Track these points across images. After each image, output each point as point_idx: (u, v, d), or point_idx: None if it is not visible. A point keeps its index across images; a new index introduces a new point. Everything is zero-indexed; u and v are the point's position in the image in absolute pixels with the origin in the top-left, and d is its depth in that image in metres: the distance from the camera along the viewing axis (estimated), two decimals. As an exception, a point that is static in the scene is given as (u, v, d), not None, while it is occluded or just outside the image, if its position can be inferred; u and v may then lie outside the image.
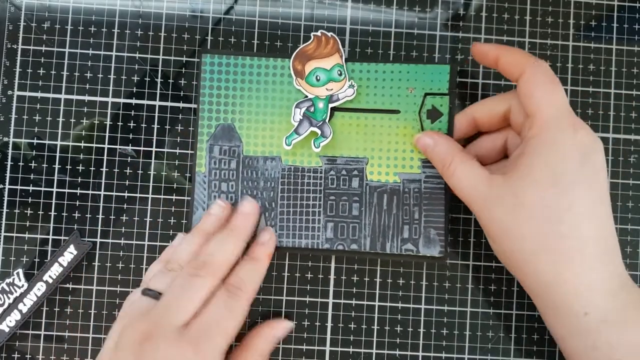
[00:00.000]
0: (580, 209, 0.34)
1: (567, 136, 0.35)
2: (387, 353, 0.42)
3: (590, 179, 0.35)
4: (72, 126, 0.42)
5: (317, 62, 0.41)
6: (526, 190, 0.35)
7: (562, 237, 0.34)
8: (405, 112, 0.42)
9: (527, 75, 0.36)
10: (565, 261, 0.34)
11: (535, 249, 0.35)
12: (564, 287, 0.35)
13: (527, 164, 0.35)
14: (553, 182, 0.34)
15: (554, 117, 0.35)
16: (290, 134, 0.41)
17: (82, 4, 0.43)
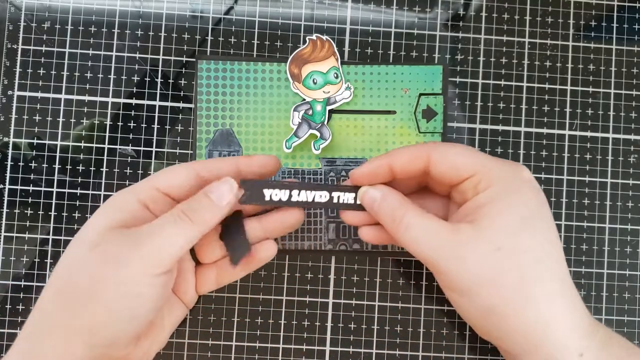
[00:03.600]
0: (552, 249, 0.33)
1: (517, 180, 0.34)
2: (387, 353, 0.42)
3: (548, 215, 0.34)
4: (72, 126, 0.42)
5: (313, 66, 0.41)
6: (501, 236, 0.33)
7: (543, 281, 0.33)
8: (401, 113, 0.42)
9: (436, 155, 0.35)
10: (549, 306, 0.33)
11: (518, 297, 0.32)
12: (555, 333, 0.32)
13: (494, 212, 0.33)
14: (523, 225, 0.33)
15: (496, 168, 0.34)
16: (290, 137, 0.41)
17: (82, 4, 0.43)
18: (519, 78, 0.44)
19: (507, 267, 0.32)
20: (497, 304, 0.33)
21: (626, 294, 0.43)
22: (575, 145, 0.44)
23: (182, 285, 0.38)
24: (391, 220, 0.35)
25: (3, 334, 0.41)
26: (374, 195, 0.36)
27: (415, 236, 0.34)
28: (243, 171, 0.37)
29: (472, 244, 0.33)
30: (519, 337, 0.33)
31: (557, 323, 0.32)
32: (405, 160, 0.36)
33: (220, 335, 0.42)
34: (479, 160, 0.35)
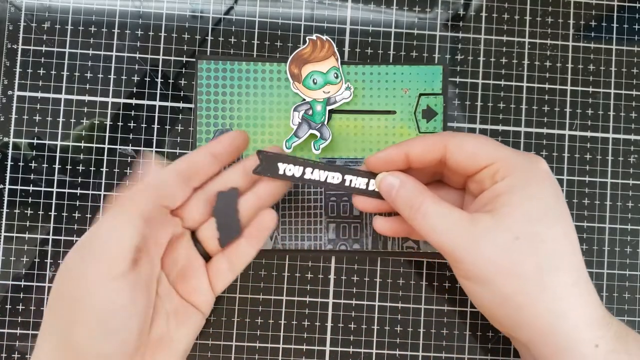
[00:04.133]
0: (569, 241, 0.34)
1: (535, 171, 0.34)
2: (387, 353, 0.42)
3: (565, 207, 0.35)
4: (72, 126, 0.42)
5: (313, 66, 0.41)
6: (519, 225, 0.33)
7: (559, 271, 0.33)
8: (401, 113, 0.42)
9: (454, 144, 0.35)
10: (565, 296, 0.33)
11: (535, 287, 0.33)
12: (570, 324, 0.32)
13: (513, 201, 0.33)
14: (541, 216, 0.33)
15: (514, 158, 0.34)
16: (290, 137, 0.41)
17: (82, 4, 0.43)
18: (519, 78, 0.44)
19: (524, 256, 0.32)
20: (513, 294, 0.33)
21: (626, 294, 0.43)
22: (575, 145, 0.44)
23: (191, 287, 0.37)
24: (409, 208, 0.35)
25: (3, 334, 0.41)
26: (392, 182, 0.36)
27: (432, 224, 0.34)
28: (217, 155, 0.37)
29: (490, 233, 0.33)
30: (533, 327, 0.33)
31: (572, 314, 0.33)
32: (422, 149, 0.36)
33: (220, 335, 0.42)
34: (496, 150, 0.35)
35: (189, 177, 0.37)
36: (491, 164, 0.35)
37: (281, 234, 0.42)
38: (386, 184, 0.36)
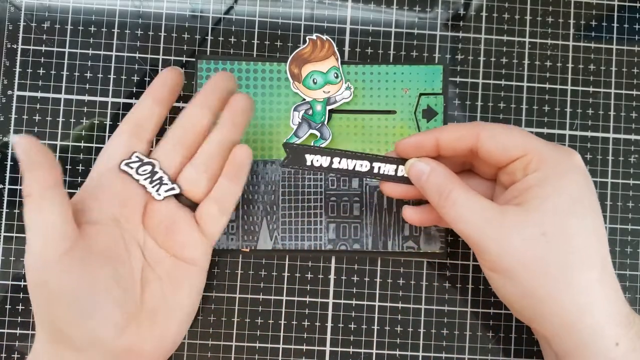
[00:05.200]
0: (596, 237, 0.33)
1: (568, 164, 0.34)
2: (387, 353, 0.42)
3: (595, 201, 0.34)
4: (72, 126, 0.42)
5: (313, 66, 0.41)
6: (547, 220, 0.33)
7: (584, 268, 0.33)
8: (402, 112, 0.42)
9: (486, 134, 0.35)
10: (590, 292, 0.33)
11: (559, 283, 0.32)
12: (592, 320, 0.32)
13: (543, 195, 0.33)
14: (571, 210, 0.33)
15: (547, 150, 0.34)
16: (290, 137, 0.41)
17: (82, 4, 0.43)
18: (519, 78, 0.44)
19: (550, 252, 0.32)
20: (537, 288, 0.33)
21: (626, 294, 0.43)
22: (576, 145, 0.44)
23: (180, 242, 0.37)
24: (438, 195, 0.35)
25: (3, 334, 0.41)
26: (422, 168, 0.36)
27: (461, 213, 0.34)
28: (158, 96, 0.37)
29: (518, 227, 0.33)
30: (555, 321, 0.33)
31: (595, 310, 0.33)
32: (454, 137, 0.36)
33: (220, 335, 0.42)
34: (530, 142, 0.34)
35: (140, 133, 0.37)
36: (523, 155, 0.34)
37: (281, 234, 0.42)
38: (416, 170, 0.36)
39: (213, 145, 0.37)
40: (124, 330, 0.34)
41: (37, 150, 0.32)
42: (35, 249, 0.32)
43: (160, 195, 0.37)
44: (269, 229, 0.42)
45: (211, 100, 0.37)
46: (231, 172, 0.38)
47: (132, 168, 0.36)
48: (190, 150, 0.38)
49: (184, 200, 0.38)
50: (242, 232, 0.42)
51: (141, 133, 0.37)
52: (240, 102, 0.38)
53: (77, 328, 0.33)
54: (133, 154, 0.37)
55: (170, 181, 0.37)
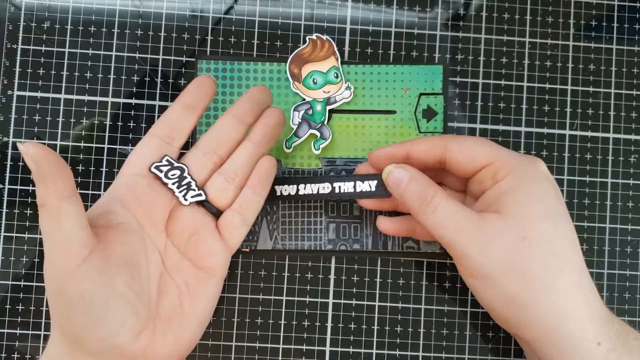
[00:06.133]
0: (571, 239, 0.34)
1: (535, 171, 0.35)
2: (387, 353, 0.42)
3: (564, 207, 0.35)
4: (72, 126, 0.42)
5: (313, 66, 0.41)
6: (526, 225, 0.33)
7: (563, 271, 0.33)
8: (402, 112, 0.42)
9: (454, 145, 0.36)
10: (569, 295, 0.33)
11: (541, 286, 0.33)
12: (574, 323, 0.33)
13: (519, 201, 0.34)
14: (546, 215, 0.34)
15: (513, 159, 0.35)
16: (290, 137, 0.41)
17: (82, 4, 0.43)
18: (519, 78, 0.44)
19: (530, 256, 0.33)
20: (519, 293, 0.33)
21: (626, 294, 0.43)
22: (576, 145, 0.44)
23: (203, 251, 0.37)
24: (419, 201, 0.35)
25: (3, 334, 0.41)
26: (401, 175, 0.36)
27: (443, 219, 0.34)
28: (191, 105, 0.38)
29: (498, 233, 0.33)
30: (538, 326, 0.33)
31: (575, 312, 0.33)
32: (423, 148, 0.37)
33: (220, 336, 0.42)
34: (495, 150, 0.36)
35: (172, 139, 0.37)
36: (490, 163, 0.35)
37: (281, 234, 0.42)
38: (395, 177, 0.36)
39: (243, 156, 0.38)
40: (139, 336, 0.34)
41: (49, 160, 0.31)
42: (53, 258, 0.32)
43: (187, 200, 0.37)
44: (269, 229, 0.42)
45: (247, 113, 0.38)
46: (256, 183, 0.38)
47: (162, 171, 0.37)
48: (220, 159, 0.38)
49: (210, 208, 0.38)
50: (242, 232, 0.42)
51: (172, 138, 0.37)
52: (273, 116, 0.38)
53: (92, 334, 0.32)
54: (164, 158, 0.37)
55: (197, 187, 0.37)
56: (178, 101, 0.38)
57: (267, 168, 0.38)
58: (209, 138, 0.38)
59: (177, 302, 0.36)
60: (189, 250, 0.37)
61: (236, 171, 0.38)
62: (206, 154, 0.38)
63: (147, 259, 0.36)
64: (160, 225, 0.37)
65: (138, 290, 0.34)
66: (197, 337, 0.37)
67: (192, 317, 0.37)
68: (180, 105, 0.38)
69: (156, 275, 0.36)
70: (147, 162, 0.37)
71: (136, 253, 0.35)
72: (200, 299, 0.37)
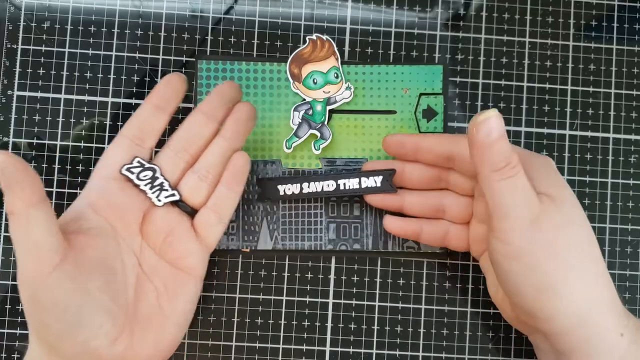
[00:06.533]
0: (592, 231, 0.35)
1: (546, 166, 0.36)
2: (387, 353, 0.42)
3: None
4: (72, 126, 0.42)
5: (313, 66, 0.41)
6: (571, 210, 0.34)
7: (595, 260, 0.34)
8: (402, 112, 0.42)
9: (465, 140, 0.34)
10: (597, 285, 0.34)
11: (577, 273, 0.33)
12: (599, 313, 0.33)
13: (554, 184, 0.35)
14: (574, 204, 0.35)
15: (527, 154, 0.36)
16: (290, 137, 0.41)
17: (82, 4, 0.43)
18: (519, 78, 0.44)
19: (572, 241, 0.33)
20: (555, 280, 0.33)
21: (626, 294, 0.43)
22: (576, 145, 0.44)
23: (179, 252, 0.37)
24: (505, 161, 0.32)
25: (3, 334, 0.41)
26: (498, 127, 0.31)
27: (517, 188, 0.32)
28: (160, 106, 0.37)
29: (550, 214, 0.33)
30: (569, 315, 0.33)
31: (602, 302, 0.33)
32: (434, 142, 0.37)
33: (220, 336, 0.42)
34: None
35: (142, 140, 0.37)
36: None
37: (281, 234, 0.42)
38: (491, 125, 0.31)
39: (215, 153, 0.38)
40: (117, 340, 0.34)
41: (16, 167, 0.31)
42: (25, 265, 0.32)
43: (160, 201, 0.37)
44: (269, 229, 0.42)
45: (216, 109, 0.38)
46: (230, 180, 0.38)
47: (134, 173, 0.36)
48: (192, 157, 0.38)
49: (184, 207, 0.38)
50: (242, 233, 0.42)
51: (142, 139, 0.37)
52: (244, 111, 0.38)
53: (68, 339, 0.33)
54: (135, 159, 0.37)
55: (170, 187, 0.37)
56: (147, 101, 0.38)
57: (241, 164, 0.38)
58: (180, 137, 0.38)
59: (156, 303, 0.36)
60: (166, 251, 0.37)
61: (209, 169, 0.38)
62: (178, 152, 0.38)
63: (123, 262, 0.36)
64: (134, 228, 0.37)
65: (113, 294, 0.34)
66: (178, 338, 0.37)
67: (172, 318, 0.37)
68: (149, 105, 0.37)
69: (133, 278, 0.36)
70: (118, 165, 0.37)
71: (110, 257, 0.35)
72: (180, 299, 0.37)
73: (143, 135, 0.37)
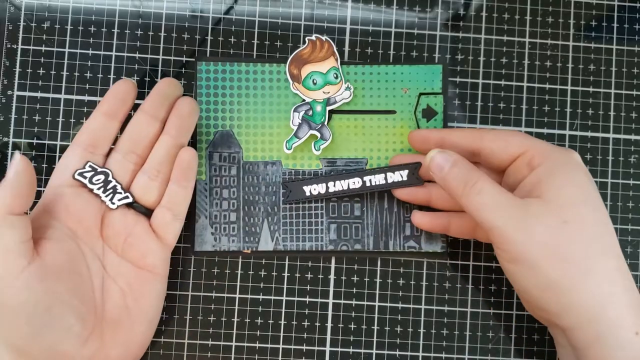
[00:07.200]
0: (608, 225, 0.35)
1: (570, 160, 0.36)
2: (387, 353, 0.42)
3: (598, 194, 0.35)
4: (72, 126, 0.42)
5: (312, 66, 0.41)
6: (567, 209, 0.34)
7: (604, 256, 0.34)
8: (402, 112, 0.42)
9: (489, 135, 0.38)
10: (610, 281, 0.33)
11: (582, 271, 0.33)
12: (614, 310, 0.33)
13: (558, 185, 0.34)
14: (584, 200, 0.34)
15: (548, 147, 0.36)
16: (290, 138, 0.41)
17: (82, 4, 0.43)
18: (519, 78, 0.44)
19: (572, 240, 0.33)
20: (561, 278, 0.33)
21: (626, 294, 0.43)
22: (576, 145, 0.44)
23: (141, 252, 0.38)
24: (463, 184, 0.35)
25: None
26: (443, 161, 0.36)
27: (487, 202, 0.34)
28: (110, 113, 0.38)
29: (540, 217, 0.33)
30: (578, 312, 0.33)
31: (615, 299, 0.33)
32: (459, 135, 0.38)
33: (220, 336, 0.42)
34: (529, 140, 0.37)
35: (95, 147, 0.38)
36: (525, 151, 0.36)
37: (282, 235, 0.42)
38: (437, 162, 0.36)
39: (161, 151, 0.38)
40: (87, 341, 0.35)
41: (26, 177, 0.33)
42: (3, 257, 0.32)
43: (114, 204, 0.37)
44: (270, 230, 0.42)
45: (157, 108, 0.38)
46: (179, 176, 0.38)
47: (86, 177, 0.37)
48: (141, 158, 0.38)
49: (139, 208, 0.38)
50: (243, 234, 0.42)
51: (95, 147, 0.38)
52: (185, 106, 0.39)
53: (38, 342, 0.33)
54: (86, 164, 0.37)
55: (123, 190, 0.38)
56: (97, 110, 0.38)
57: (188, 159, 0.38)
58: (126, 139, 0.38)
59: (123, 303, 0.37)
60: (127, 252, 0.38)
61: (158, 167, 0.38)
62: (126, 155, 0.38)
63: (88, 265, 0.36)
64: (94, 232, 0.37)
65: (81, 296, 0.35)
66: (148, 337, 0.38)
67: (139, 317, 0.37)
68: (99, 114, 0.38)
69: (99, 280, 0.37)
70: (72, 171, 0.37)
71: (75, 261, 0.36)
72: (145, 298, 0.38)
73: (96, 142, 0.38)
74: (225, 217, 0.42)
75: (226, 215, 0.42)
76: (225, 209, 0.42)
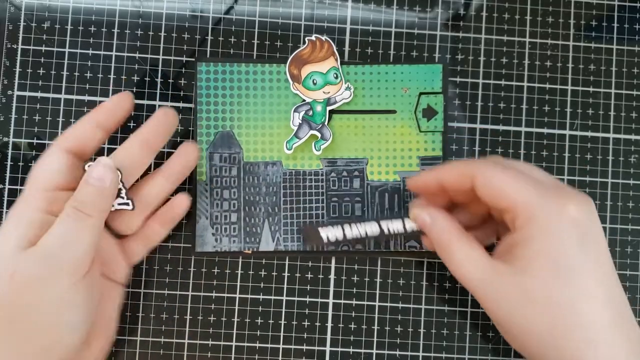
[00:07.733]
0: (590, 294, 0.32)
1: (557, 218, 0.33)
2: (387, 353, 0.42)
3: (593, 258, 0.33)
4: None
5: (312, 66, 0.41)
6: (531, 286, 0.32)
7: (574, 329, 0.32)
8: (402, 112, 0.42)
9: (480, 180, 0.34)
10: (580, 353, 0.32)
11: (545, 345, 0.32)
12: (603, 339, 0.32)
13: (526, 256, 0.33)
14: (555, 274, 0.32)
15: (534, 203, 0.33)
16: (290, 138, 0.41)
17: (82, 4, 0.43)
18: (519, 78, 0.44)
19: (538, 319, 0.33)
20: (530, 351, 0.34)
21: (626, 294, 0.43)
22: (576, 145, 0.44)
23: (112, 269, 0.39)
24: (437, 245, 0.37)
25: None
26: (423, 222, 0.37)
27: (457, 268, 0.35)
28: (103, 122, 0.37)
29: (507, 288, 0.33)
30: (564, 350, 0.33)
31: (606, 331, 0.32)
32: (452, 178, 0.36)
33: (220, 336, 0.42)
34: (521, 192, 0.33)
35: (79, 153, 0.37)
36: (512, 208, 0.34)
37: (283, 235, 0.42)
38: (420, 221, 0.38)
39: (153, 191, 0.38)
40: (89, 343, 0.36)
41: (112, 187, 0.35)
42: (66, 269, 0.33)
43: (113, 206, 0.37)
44: (271, 230, 0.42)
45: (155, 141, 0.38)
46: (166, 220, 0.40)
47: None
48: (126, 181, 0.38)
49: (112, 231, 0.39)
50: (244, 234, 0.42)
51: (82, 152, 0.37)
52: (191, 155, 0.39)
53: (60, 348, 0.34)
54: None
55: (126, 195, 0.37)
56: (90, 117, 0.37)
57: (179, 208, 0.40)
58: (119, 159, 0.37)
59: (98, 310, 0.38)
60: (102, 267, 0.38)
61: (146, 207, 0.38)
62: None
63: None
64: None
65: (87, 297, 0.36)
66: (108, 345, 0.39)
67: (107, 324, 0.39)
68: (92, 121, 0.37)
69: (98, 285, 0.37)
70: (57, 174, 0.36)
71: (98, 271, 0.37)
72: (111, 306, 0.39)
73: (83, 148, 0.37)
74: (226, 218, 0.42)
75: (227, 215, 0.42)
76: (226, 210, 0.42)
